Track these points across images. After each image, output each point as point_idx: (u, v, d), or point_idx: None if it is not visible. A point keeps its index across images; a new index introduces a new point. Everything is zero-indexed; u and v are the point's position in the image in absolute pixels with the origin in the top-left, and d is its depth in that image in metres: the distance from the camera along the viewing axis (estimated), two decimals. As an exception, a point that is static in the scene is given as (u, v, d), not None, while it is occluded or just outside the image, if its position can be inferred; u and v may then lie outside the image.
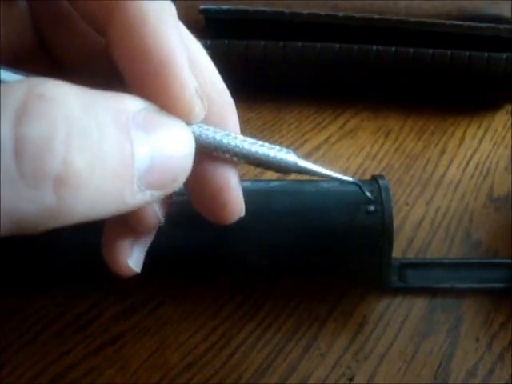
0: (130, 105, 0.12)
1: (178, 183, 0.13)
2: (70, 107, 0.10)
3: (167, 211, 0.17)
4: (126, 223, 0.16)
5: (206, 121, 0.14)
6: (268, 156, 0.15)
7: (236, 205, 0.16)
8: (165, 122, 0.13)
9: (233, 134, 0.15)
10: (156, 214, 0.16)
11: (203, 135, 0.14)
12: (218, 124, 0.15)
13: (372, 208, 0.21)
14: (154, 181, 0.12)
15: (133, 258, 0.17)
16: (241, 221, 0.21)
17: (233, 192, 0.16)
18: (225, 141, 0.15)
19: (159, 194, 0.13)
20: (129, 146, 0.11)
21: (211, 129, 0.14)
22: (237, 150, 0.15)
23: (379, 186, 0.21)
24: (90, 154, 0.10)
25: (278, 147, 0.16)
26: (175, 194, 0.21)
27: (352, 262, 0.22)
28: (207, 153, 0.15)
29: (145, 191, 0.12)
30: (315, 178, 0.18)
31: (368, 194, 0.21)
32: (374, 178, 0.22)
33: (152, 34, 0.13)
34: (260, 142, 0.16)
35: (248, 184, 0.22)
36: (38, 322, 0.22)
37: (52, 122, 0.10)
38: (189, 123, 0.13)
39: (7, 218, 0.10)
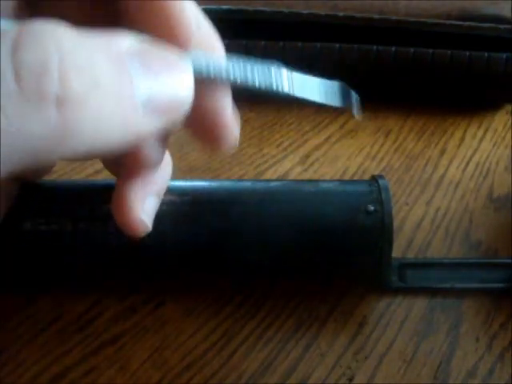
0: (122, 38, 0.12)
1: (183, 108, 0.14)
2: (59, 37, 0.11)
3: (164, 149, 0.18)
4: (134, 171, 0.17)
5: (197, 46, 0.15)
6: (256, 79, 0.16)
7: (232, 129, 0.17)
8: (160, 53, 0.13)
9: (224, 60, 0.15)
10: (155, 150, 0.17)
11: (197, 63, 0.14)
12: (207, 49, 0.16)
13: (372, 208, 0.21)
14: (158, 106, 0.13)
15: (144, 211, 0.18)
16: (240, 223, 0.21)
17: (229, 115, 0.17)
18: (217, 66, 0.15)
19: (167, 120, 0.13)
20: (125, 72, 0.12)
21: (203, 56, 0.15)
22: (229, 74, 0.15)
23: (379, 186, 0.21)
24: (85, 77, 0.11)
25: (267, 63, 0.16)
26: (175, 194, 0.21)
27: (352, 261, 0.22)
28: (202, 79, 0.15)
29: (152, 117, 0.13)
30: (315, 178, 0.18)
31: (353, 94, 0.20)
32: (374, 178, 0.22)
33: None
34: (249, 63, 0.16)
35: (248, 184, 0.22)
36: (38, 322, 0.22)
37: (45, 49, 0.11)
38: (187, 48, 0.14)
39: (21, 141, 0.11)
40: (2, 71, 0.10)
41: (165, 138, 0.18)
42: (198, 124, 0.17)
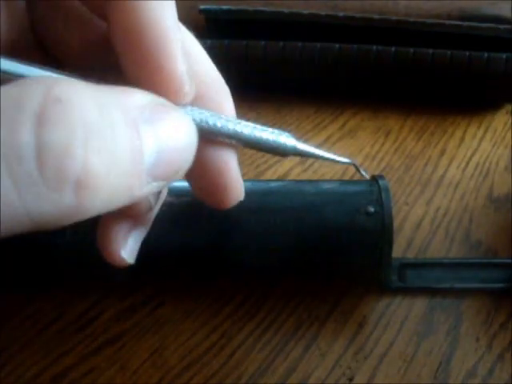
0: (138, 99, 0.12)
1: (182, 172, 0.14)
2: (86, 109, 0.10)
3: (158, 197, 0.18)
4: (120, 213, 0.17)
5: (204, 107, 0.15)
6: (268, 140, 0.16)
7: (236, 188, 0.17)
8: (168, 113, 0.13)
9: (232, 119, 0.15)
10: (147, 200, 0.17)
11: (203, 121, 0.15)
12: (214, 110, 0.15)
13: (372, 209, 0.21)
14: (160, 173, 0.13)
15: (126, 249, 0.17)
16: (240, 223, 0.21)
17: (233, 174, 0.16)
18: (224, 125, 0.15)
19: (164, 184, 0.13)
20: (138, 142, 0.12)
21: (210, 114, 0.15)
22: (236, 134, 0.15)
23: (379, 187, 0.21)
24: (106, 155, 0.11)
25: (277, 131, 0.16)
26: (174, 195, 0.21)
27: (352, 262, 0.22)
28: (207, 138, 0.15)
29: (151, 183, 0.12)
30: (315, 178, 0.18)
31: (363, 173, 0.21)
32: (374, 178, 0.22)
33: (147, 13, 0.13)
34: (259, 126, 0.16)
35: (248, 184, 0.22)
36: (38, 322, 0.22)
37: (71, 126, 0.10)
38: (179, 102, 0.14)
39: (27, 218, 0.10)
40: (24, 150, 0.10)
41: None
42: (199, 180, 0.17)
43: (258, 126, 0.16)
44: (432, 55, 0.35)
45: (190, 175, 0.17)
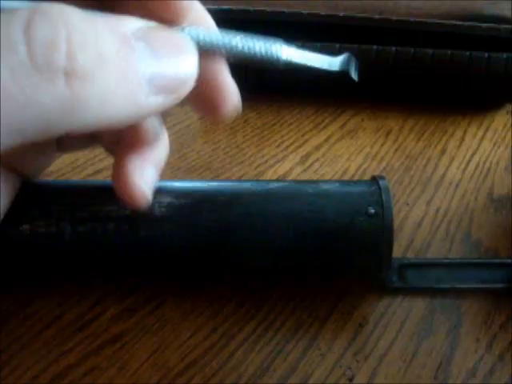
0: (128, 21, 0.13)
1: (187, 86, 0.14)
2: (68, 17, 0.12)
3: (163, 124, 0.19)
4: (131, 146, 0.18)
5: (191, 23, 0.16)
6: (260, 51, 0.16)
7: (232, 91, 0.18)
8: (166, 35, 0.14)
9: (222, 33, 0.16)
10: (155, 125, 0.18)
11: (196, 36, 0.15)
12: (202, 25, 0.16)
13: (372, 211, 0.21)
14: (164, 84, 0.14)
15: (145, 181, 0.18)
16: (240, 223, 0.21)
17: (226, 77, 0.17)
18: (219, 40, 0.16)
19: (172, 97, 0.14)
20: (130, 50, 0.13)
21: (202, 30, 0.16)
22: (231, 47, 0.16)
23: (379, 188, 0.21)
24: (91, 53, 0.12)
25: (270, 41, 0.17)
26: (174, 196, 0.21)
27: (352, 264, 0.22)
28: (201, 52, 0.16)
29: (157, 94, 0.13)
30: (315, 178, 0.18)
31: (353, 59, 0.20)
32: (375, 179, 0.22)
33: None
34: (250, 38, 0.16)
35: (248, 185, 0.22)
36: (38, 322, 0.22)
37: (55, 27, 0.12)
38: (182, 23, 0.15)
39: (30, 111, 0.12)
40: (16, 45, 0.11)
41: (164, 114, 0.18)
42: (197, 95, 0.17)
43: (249, 38, 0.16)
44: (432, 55, 0.35)
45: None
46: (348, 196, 0.21)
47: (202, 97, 0.17)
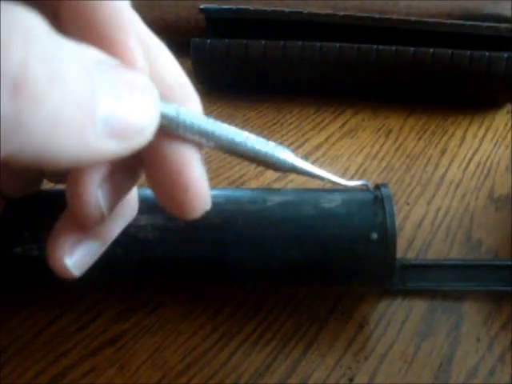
0: (94, 52, 0.12)
1: (144, 136, 0.13)
2: (30, 23, 0.10)
3: (112, 205, 0.16)
4: (71, 221, 0.16)
5: None
6: (260, 152, 0.15)
7: (199, 192, 0.15)
8: (130, 76, 0.13)
9: (217, 123, 0.15)
10: (99, 205, 0.15)
11: (168, 110, 0.14)
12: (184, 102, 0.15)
13: (375, 236, 0.20)
14: (118, 128, 0.12)
15: (72, 259, 0.16)
16: (236, 249, 0.20)
17: (195, 174, 0.15)
18: (201, 125, 0.14)
19: (125, 146, 0.12)
20: (91, 82, 0.11)
21: (195, 114, 0.14)
22: (220, 138, 0.14)
23: (384, 209, 0.20)
24: (49, 68, 0.10)
25: (274, 144, 0.16)
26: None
27: (352, 286, 0.21)
28: (169, 134, 0.14)
29: (110, 138, 0.12)
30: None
31: (372, 193, 0.20)
32: (378, 189, 0.21)
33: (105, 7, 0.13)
34: (245, 134, 0.15)
35: (245, 201, 0.21)
36: (38, 322, 0.22)
37: (10, 29, 0.10)
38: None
39: None
40: None
41: (110, 193, 0.16)
42: (162, 183, 0.15)
43: (244, 133, 0.15)
44: (433, 55, 0.35)
45: (151, 178, 0.16)
46: (350, 219, 0.20)
47: (165, 185, 0.15)
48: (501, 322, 0.22)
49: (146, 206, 0.19)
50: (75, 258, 0.16)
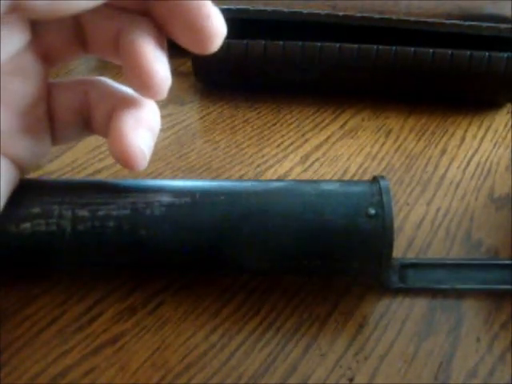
0: None
1: None
2: None
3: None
4: (123, 107, 0.18)
5: None
6: None
7: (220, 21, 0.18)
8: None
9: None
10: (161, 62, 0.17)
11: None
12: None
13: (373, 211, 0.21)
14: None
15: (141, 139, 0.18)
16: (240, 223, 0.21)
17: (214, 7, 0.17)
18: None
19: None
20: None
21: None
22: None
23: (380, 188, 0.21)
24: None
25: None
26: (174, 195, 0.21)
27: (352, 264, 0.21)
28: None
29: None
30: (315, 178, 0.18)
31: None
32: (375, 179, 0.22)
33: None
34: None
35: (248, 184, 0.22)
36: (38, 322, 0.22)
37: None
38: None
39: None
40: None
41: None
42: (179, 24, 0.17)
43: None
44: (432, 55, 0.35)
45: (167, 17, 0.17)
46: (348, 196, 0.21)
47: (182, 24, 0.17)
48: (501, 322, 0.22)
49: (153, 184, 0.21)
50: (142, 140, 0.18)
